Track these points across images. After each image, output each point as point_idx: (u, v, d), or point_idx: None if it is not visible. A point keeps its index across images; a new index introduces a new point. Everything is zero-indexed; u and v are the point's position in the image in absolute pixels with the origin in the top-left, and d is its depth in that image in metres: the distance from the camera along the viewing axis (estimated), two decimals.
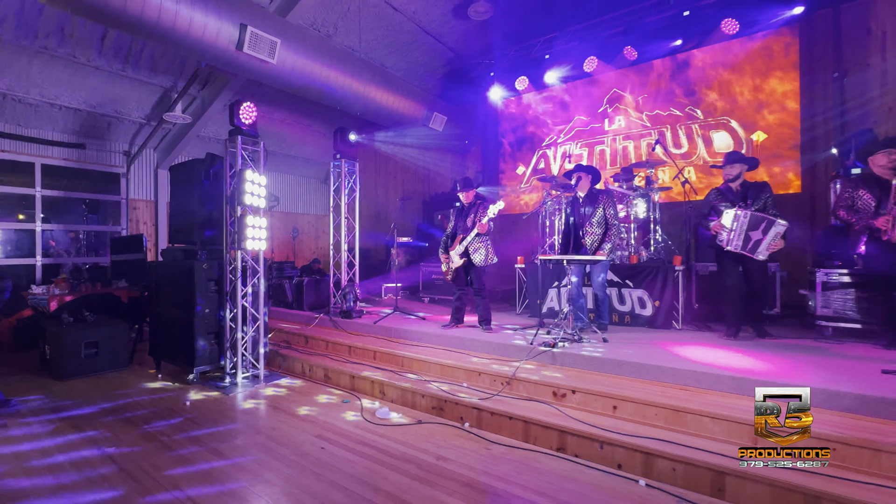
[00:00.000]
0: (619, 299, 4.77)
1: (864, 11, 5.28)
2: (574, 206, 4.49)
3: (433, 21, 7.25)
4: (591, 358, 3.47)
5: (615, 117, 6.61)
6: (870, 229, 3.60)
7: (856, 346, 3.72)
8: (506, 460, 2.78)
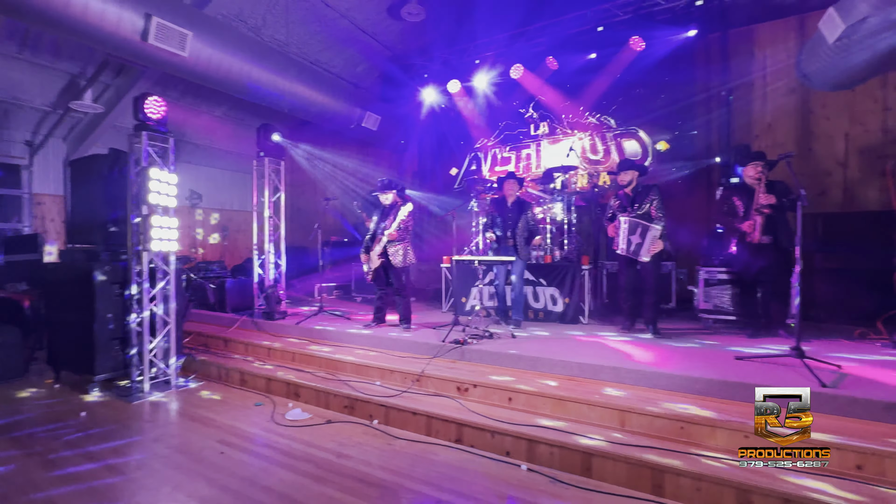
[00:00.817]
0: (535, 297, 5.07)
1: (748, 36, 5.92)
2: (502, 210, 4.72)
3: (367, 19, 7.24)
4: (494, 354, 3.68)
5: (540, 123, 6.95)
6: (739, 232, 4.09)
7: (728, 335, 4.22)
8: (405, 454, 2.91)
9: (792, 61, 5.68)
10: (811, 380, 2.73)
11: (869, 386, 2.71)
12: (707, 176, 6.01)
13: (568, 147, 5.54)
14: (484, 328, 4.22)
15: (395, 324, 4.73)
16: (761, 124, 5.87)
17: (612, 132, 6.44)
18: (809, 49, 5.22)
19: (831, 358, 3.22)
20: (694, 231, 6.03)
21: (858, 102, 5.41)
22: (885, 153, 5.23)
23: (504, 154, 7.29)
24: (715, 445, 2.55)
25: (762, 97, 5.89)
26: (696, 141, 6.00)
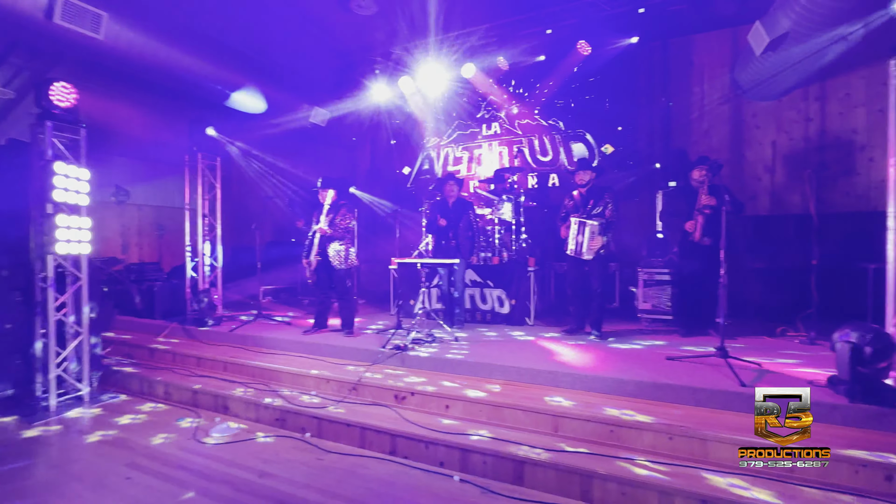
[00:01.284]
0: (482, 298, 5.03)
1: (687, 46, 6.16)
2: (443, 212, 4.64)
3: (317, 11, 6.93)
4: (435, 359, 3.60)
5: (492, 123, 6.94)
6: (682, 232, 4.22)
7: (664, 335, 4.34)
8: (334, 469, 2.76)
9: (726, 71, 5.96)
10: (733, 379, 2.83)
11: (782, 383, 2.83)
12: (649, 179, 6.20)
13: (517, 148, 5.52)
14: (427, 332, 4.12)
15: (337, 329, 4.55)
16: (699, 130, 6.12)
17: (560, 134, 6.52)
18: (741, 61, 5.50)
19: (754, 356, 3.37)
20: (637, 233, 6.21)
21: (784, 112, 5.76)
22: (806, 160, 5.59)
23: (457, 153, 7.23)
24: (642, 447, 2.57)
25: (700, 105, 6.14)
26: (638, 145, 6.18)
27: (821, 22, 3.86)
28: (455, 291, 4.57)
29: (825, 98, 5.58)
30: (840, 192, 5.48)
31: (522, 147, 6.66)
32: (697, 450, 2.46)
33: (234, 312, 5.70)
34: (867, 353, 2.40)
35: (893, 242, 2.74)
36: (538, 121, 6.64)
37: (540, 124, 6.64)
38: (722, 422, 2.58)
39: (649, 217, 6.02)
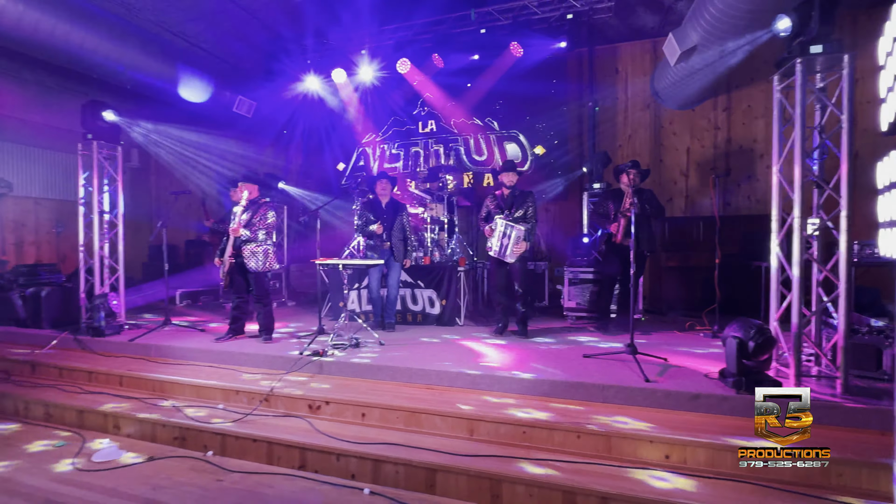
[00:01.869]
0: (413, 299, 4.94)
1: (612, 54, 6.44)
2: (375, 211, 4.47)
3: None
4: (355, 365, 3.45)
5: (428, 121, 6.86)
6: (608, 232, 4.37)
7: (586, 332, 4.49)
8: (234, 491, 2.54)
9: (647, 80, 6.30)
10: (639, 375, 2.95)
11: (683, 377, 3.00)
12: (578, 182, 6.42)
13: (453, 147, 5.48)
14: (351, 336, 3.96)
15: (255, 335, 4.25)
16: (623, 135, 6.43)
17: (495, 134, 6.58)
18: (660, 70, 5.83)
19: (662, 350, 3.55)
20: (566, 233, 6.43)
21: (697, 121, 6.18)
22: (716, 166, 6.05)
23: (393, 151, 7.08)
24: (553, 447, 2.60)
25: (624, 110, 6.45)
26: (568, 148, 6.38)
27: (721, 37, 4.15)
28: (388, 293, 4.44)
29: (731, 109, 6.06)
30: (743, 195, 5.99)
31: (458, 146, 6.64)
32: (602, 446, 2.52)
33: (138, 320, 5.18)
34: (751, 348, 2.59)
35: (777, 244, 2.98)
36: (473, 120, 6.65)
37: (475, 124, 6.65)
38: (627, 416, 2.67)
39: (577, 218, 6.23)
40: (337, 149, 7.36)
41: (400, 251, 4.45)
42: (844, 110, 2.64)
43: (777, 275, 2.98)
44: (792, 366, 2.75)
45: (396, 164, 7.01)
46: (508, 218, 4.26)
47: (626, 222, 4.18)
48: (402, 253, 4.44)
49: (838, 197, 2.67)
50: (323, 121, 7.36)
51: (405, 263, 4.47)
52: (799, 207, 2.74)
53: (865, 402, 2.51)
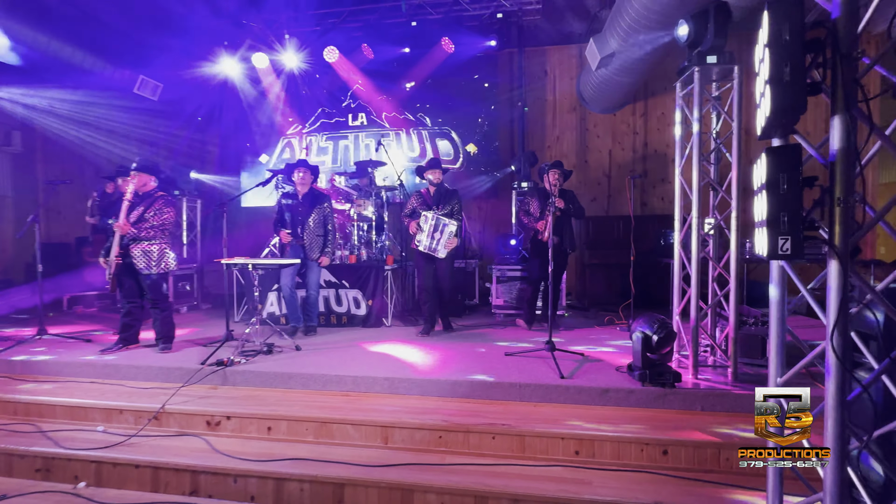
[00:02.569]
0: (337, 300, 4.70)
1: (541, 56, 6.59)
2: (291, 204, 4.15)
3: None
4: (263, 374, 3.17)
5: (358, 114, 6.59)
6: (534, 230, 4.42)
7: (512, 329, 4.53)
8: None
9: (574, 84, 6.53)
10: (556, 372, 2.98)
11: (597, 371, 3.09)
12: (509, 180, 6.51)
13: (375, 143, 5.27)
14: (264, 342, 3.65)
15: (151, 344, 3.79)
16: (552, 136, 6.61)
17: (427, 130, 6.47)
18: (584, 75, 6.06)
19: (581, 345, 3.66)
20: (496, 231, 6.49)
21: (618, 125, 6.51)
22: (633, 169, 6.41)
23: (321, 143, 6.72)
24: (468, 450, 2.54)
25: (552, 112, 6.63)
26: (499, 146, 6.44)
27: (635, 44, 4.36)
28: (307, 294, 4.15)
29: (647, 115, 6.46)
30: (657, 196, 6.40)
31: (390, 141, 6.45)
32: (516, 446, 2.51)
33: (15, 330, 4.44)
34: (654, 342, 2.71)
35: (679, 242, 3.16)
36: (405, 115, 6.49)
37: (407, 119, 6.50)
38: (541, 414, 2.69)
39: (507, 216, 6.32)
40: (260, 139, 6.84)
41: (316, 248, 4.14)
42: (735, 117, 2.83)
43: (679, 271, 3.16)
44: (690, 357, 2.92)
45: (325, 158, 6.67)
46: (438, 213, 4.19)
47: (553, 221, 4.27)
48: (319, 250, 4.15)
49: (730, 198, 2.87)
50: (243, 108, 6.80)
51: (322, 261, 4.17)
52: (697, 208, 2.91)
53: (750, 389, 2.72)
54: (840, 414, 1.39)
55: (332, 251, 4.20)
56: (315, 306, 4.25)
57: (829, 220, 1.39)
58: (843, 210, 1.35)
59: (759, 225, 1.48)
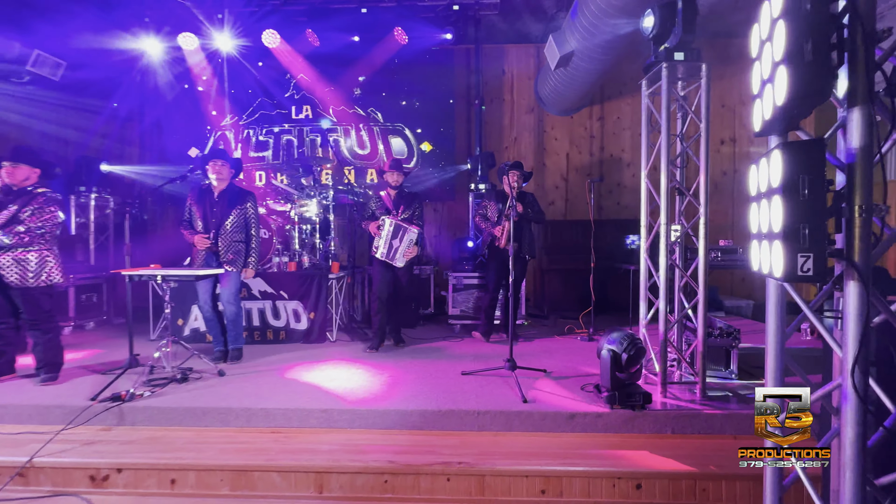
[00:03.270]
0: (274, 313, 4.15)
1: (499, 54, 6.36)
2: (205, 202, 3.54)
3: None
4: (172, 410, 2.62)
5: (303, 106, 6.03)
6: (491, 236, 4.12)
7: (469, 341, 4.21)
8: None
9: (532, 84, 6.35)
10: (517, 395, 2.68)
11: (562, 390, 2.82)
12: (466, 181, 6.22)
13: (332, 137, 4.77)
14: (177, 367, 3.07)
15: (31, 374, 3.08)
16: (510, 137, 6.40)
17: (379, 126, 6.04)
18: (543, 75, 5.89)
19: (542, 359, 3.40)
20: (453, 235, 6.18)
21: (576, 128, 6.41)
22: (591, 172, 6.32)
23: (260, 137, 6.07)
24: (419, 496, 2.17)
25: (510, 112, 6.42)
26: (456, 146, 6.13)
27: (596, 42, 4.19)
28: (226, 311, 3.57)
29: (604, 119, 6.41)
30: (613, 201, 6.36)
31: (338, 137, 5.95)
32: (475, 488, 2.16)
33: None
34: (624, 360, 2.47)
35: (645, 250, 2.97)
36: (355, 109, 6.02)
37: (357, 113, 6.03)
38: (502, 447, 2.36)
39: (465, 219, 6.02)
40: (188, 130, 6.08)
41: (235, 256, 3.47)
42: (703, 119, 2.67)
43: (645, 280, 2.97)
44: (659, 374, 2.73)
45: (264, 154, 6.04)
46: (397, 218, 3.79)
47: (511, 226, 3.99)
48: (240, 259, 3.50)
49: (698, 204, 2.71)
50: (169, 95, 6.02)
51: (245, 274, 3.57)
52: (665, 214, 2.73)
53: (720, 407, 2.56)
54: (859, 465, 1.15)
55: (256, 261, 3.56)
56: (237, 325, 3.60)
57: (846, 232, 1.15)
58: (864, 221, 1.12)
59: (764, 238, 1.22)
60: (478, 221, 4.31)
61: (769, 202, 1.18)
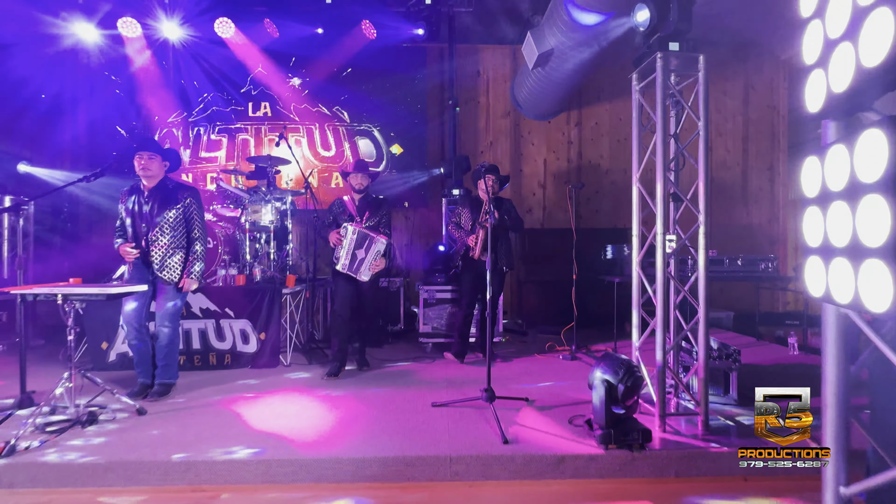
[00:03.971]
0: (218, 334, 3.61)
1: (474, 54, 6.06)
2: (135, 204, 3.00)
3: None
4: (66, 465, 2.07)
5: (261, 103, 5.52)
6: (465, 246, 3.73)
7: (441, 363, 3.79)
8: None
9: (508, 87, 6.08)
10: (496, 433, 2.28)
11: (547, 424, 2.44)
12: (439, 186, 5.85)
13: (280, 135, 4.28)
14: (85, 406, 2.52)
15: None
16: (485, 141, 6.08)
17: (345, 127, 5.59)
18: (520, 77, 5.63)
19: (523, 383, 3.03)
20: (425, 244, 5.77)
21: (553, 133, 6.16)
22: (570, 179, 6.08)
23: (213, 136, 5.51)
24: None
25: (486, 116, 6.11)
26: (428, 149, 5.76)
27: (576, 39, 3.93)
28: (159, 334, 3.02)
29: (581, 124, 6.19)
30: (592, 209, 6.13)
31: (299, 137, 5.47)
32: None
33: None
34: (621, 392, 2.12)
35: (637, 263, 2.65)
36: (319, 108, 5.56)
37: (321, 112, 5.57)
38: (480, 501, 1.96)
39: (437, 226, 5.63)
40: (127, 127, 5.45)
41: (172, 265, 2.95)
42: (701, 115, 2.39)
43: (638, 296, 2.65)
44: (657, 405, 2.39)
45: (217, 153, 5.48)
46: (361, 226, 3.36)
47: (485, 235, 3.63)
48: (177, 268, 2.98)
49: (697, 211, 2.41)
50: (106, 87, 5.39)
51: (184, 286, 3.02)
52: (661, 222, 2.42)
53: (726, 443, 2.24)
54: None
55: (199, 271, 3.03)
56: (171, 354, 3.04)
57: None
58: None
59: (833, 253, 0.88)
60: (451, 230, 3.93)
61: (853, 204, 0.84)
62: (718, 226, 6.11)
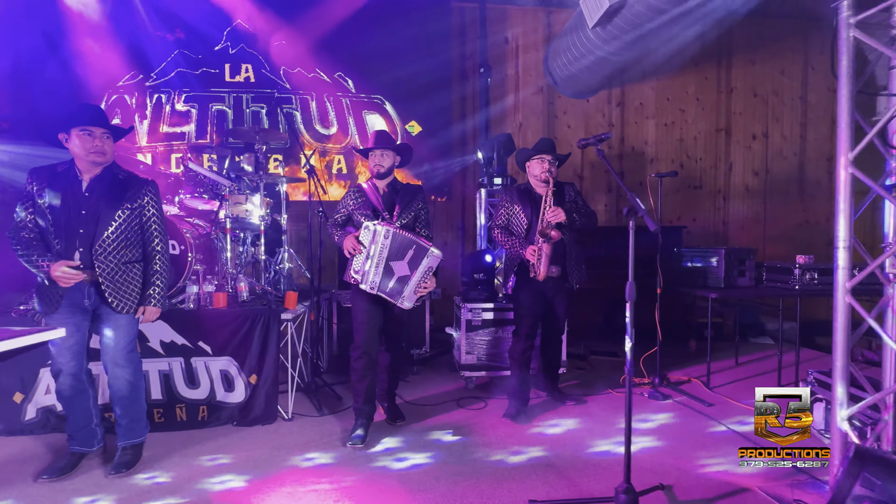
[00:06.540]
0: (188, 379, 2.55)
1: (501, 17, 5.04)
2: (66, 200, 1.94)
3: None
4: None
5: (242, 65, 4.36)
6: (520, 257, 2.74)
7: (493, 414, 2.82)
8: None
9: (541, 57, 5.13)
10: None
11: None
12: (465, 173, 4.89)
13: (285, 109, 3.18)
14: None
15: None
16: (513, 122, 5.12)
17: (350, 98, 4.51)
18: (555, 44, 4.68)
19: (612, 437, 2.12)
20: (445, 242, 4.80)
21: (592, 114, 5.27)
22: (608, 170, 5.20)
23: (178, 105, 4.32)
24: None
25: (514, 91, 5.15)
26: (452, 127, 4.75)
27: None
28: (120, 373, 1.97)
29: (624, 105, 5.32)
30: None
31: (293, 109, 4.35)
32: None
33: None
34: None
35: (845, 288, 1.77)
36: (317, 73, 4.45)
37: (320, 78, 4.46)
38: None
39: (464, 223, 4.66)
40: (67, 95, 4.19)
41: (127, 287, 1.99)
42: None
43: (846, 339, 1.76)
44: None
45: (185, 128, 4.30)
46: (394, 225, 2.35)
47: (551, 248, 2.66)
48: (133, 291, 2.01)
49: None
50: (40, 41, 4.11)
51: (146, 314, 2.06)
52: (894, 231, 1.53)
53: None
54: None
55: (162, 292, 2.06)
56: (136, 399, 2.09)
57: None
58: None
59: None
60: (496, 235, 2.86)
61: None
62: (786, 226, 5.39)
